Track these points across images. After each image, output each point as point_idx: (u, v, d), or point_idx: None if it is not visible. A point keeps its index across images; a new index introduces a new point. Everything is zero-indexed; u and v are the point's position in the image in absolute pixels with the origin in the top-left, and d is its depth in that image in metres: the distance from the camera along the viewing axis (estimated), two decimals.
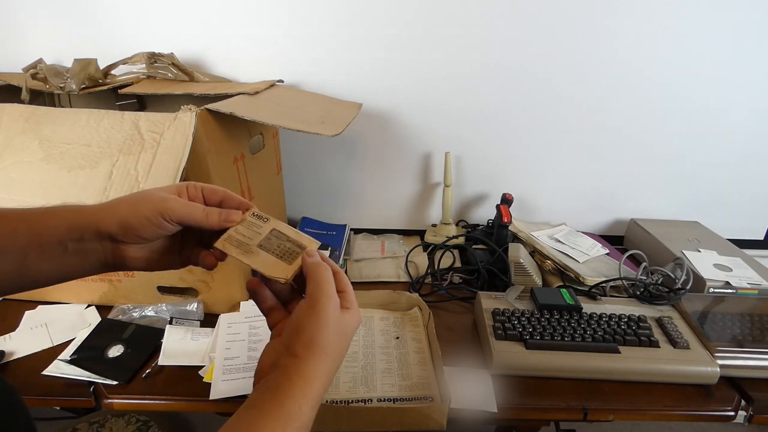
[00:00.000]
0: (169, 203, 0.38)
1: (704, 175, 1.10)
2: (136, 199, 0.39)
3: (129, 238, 0.38)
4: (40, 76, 0.82)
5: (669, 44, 0.96)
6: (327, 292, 0.37)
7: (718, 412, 0.65)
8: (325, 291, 0.37)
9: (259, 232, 0.43)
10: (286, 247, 0.42)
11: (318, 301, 0.36)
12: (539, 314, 0.76)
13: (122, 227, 0.37)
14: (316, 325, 0.35)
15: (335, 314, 0.36)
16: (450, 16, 0.94)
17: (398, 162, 1.10)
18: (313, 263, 0.39)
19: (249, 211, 0.44)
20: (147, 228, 0.38)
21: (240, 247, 0.42)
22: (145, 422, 1.02)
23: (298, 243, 0.42)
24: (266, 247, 0.42)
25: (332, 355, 0.36)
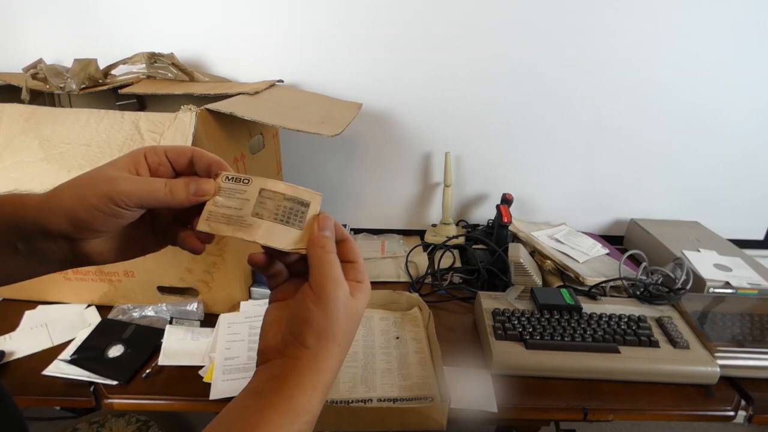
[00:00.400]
0: (120, 184, 0.31)
1: (704, 175, 1.10)
2: (80, 183, 0.31)
3: (84, 234, 0.32)
4: (40, 76, 0.82)
5: (669, 44, 0.96)
6: (334, 279, 0.33)
7: (718, 412, 0.65)
8: (332, 277, 0.33)
9: (246, 197, 0.35)
10: (287, 207, 0.35)
11: (324, 291, 0.32)
12: (539, 314, 0.76)
13: (72, 223, 0.31)
14: (326, 316, 0.32)
15: (345, 301, 0.33)
16: (450, 16, 0.94)
17: (398, 162, 1.10)
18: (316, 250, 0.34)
19: (220, 176, 0.35)
20: (100, 219, 0.31)
21: (231, 222, 0.34)
22: (145, 422, 1.02)
23: (299, 199, 0.35)
24: (263, 214, 0.34)
25: (343, 343, 0.33)
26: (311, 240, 0.34)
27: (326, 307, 0.32)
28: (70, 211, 0.31)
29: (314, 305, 0.32)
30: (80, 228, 0.31)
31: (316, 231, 0.34)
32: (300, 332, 0.33)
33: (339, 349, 0.33)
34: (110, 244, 0.35)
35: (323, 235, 0.34)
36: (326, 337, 0.32)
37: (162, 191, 0.32)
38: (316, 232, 0.34)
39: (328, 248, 0.34)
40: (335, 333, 0.33)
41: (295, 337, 0.33)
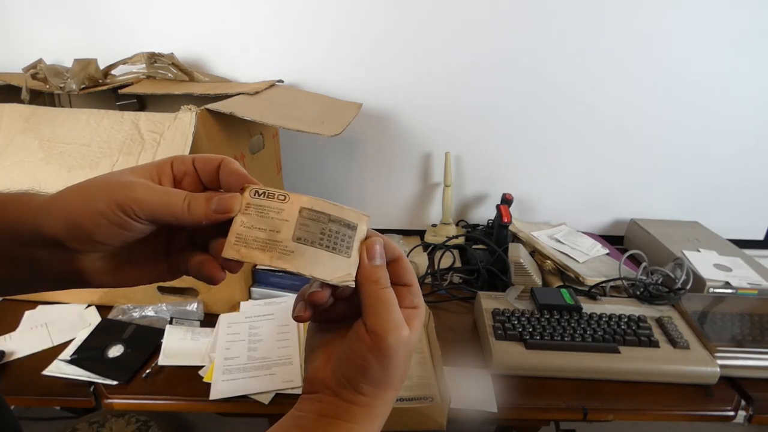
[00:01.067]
0: (135, 191, 0.26)
1: (704, 175, 1.10)
2: (90, 185, 0.27)
3: (81, 244, 0.26)
4: (40, 76, 0.82)
5: (669, 45, 0.96)
6: (394, 326, 0.29)
7: (718, 412, 0.65)
8: (392, 325, 0.29)
9: (284, 218, 0.29)
10: (333, 230, 0.29)
11: (384, 341, 0.28)
12: (539, 314, 0.76)
13: (69, 228, 0.26)
14: (385, 368, 0.29)
15: (405, 347, 0.29)
16: (450, 16, 0.94)
17: (398, 162, 1.10)
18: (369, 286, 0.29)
19: (248, 190, 0.29)
20: (102, 228, 0.26)
21: (267, 248, 0.28)
22: (145, 422, 1.02)
23: (345, 221, 0.30)
24: (306, 238, 0.28)
25: (399, 386, 0.31)
26: (362, 274, 0.29)
27: (385, 359, 0.29)
28: (71, 214, 0.26)
29: (372, 356, 0.29)
30: (77, 236, 0.26)
31: (366, 262, 0.30)
32: (355, 379, 0.30)
33: (395, 395, 0.31)
34: (111, 263, 0.29)
35: (374, 265, 0.29)
36: (384, 387, 0.30)
37: (179, 204, 0.27)
38: (366, 263, 0.29)
39: (382, 282, 0.29)
40: (393, 381, 0.30)
41: (350, 382, 0.30)
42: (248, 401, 0.63)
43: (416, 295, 0.31)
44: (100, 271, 0.29)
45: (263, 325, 0.75)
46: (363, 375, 0.29)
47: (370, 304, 0.29)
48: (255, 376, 0.66)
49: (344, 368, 0.30)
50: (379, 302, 0.29)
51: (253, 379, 0.65)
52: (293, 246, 0.28)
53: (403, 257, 0.32)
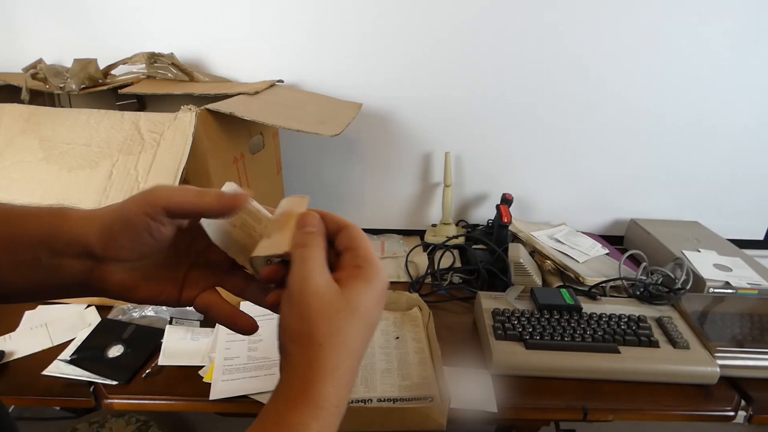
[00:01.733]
0: (155, 190, 0.30)
1: (704, 175, 1.10)
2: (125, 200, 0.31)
3: (110, 250, 0.30)
4: (40, 76, 0.82)
5: (668, 45, 0.96)
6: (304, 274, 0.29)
7: (718, 412, 0.65)
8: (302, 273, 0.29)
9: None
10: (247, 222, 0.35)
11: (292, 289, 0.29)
12: (539, 314, 0.76)
13: (102, 236, 0.29)
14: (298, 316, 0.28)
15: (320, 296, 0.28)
16: (450, 16, 0.94)
17: (398, 162, 1.10)
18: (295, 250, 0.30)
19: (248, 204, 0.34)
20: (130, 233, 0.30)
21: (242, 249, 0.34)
22: (145, 422, 1.02)
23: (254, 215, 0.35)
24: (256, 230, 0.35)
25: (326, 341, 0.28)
26: (293, 240, 0.31)
27: (297, 307, 0.28)
28: (105, 224, 0.30)
29: (287, 307, 0.29)
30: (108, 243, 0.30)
31: (297, 229, 0.31)
32: (282, 341, 0.29)
33: (321, 350, 0.28)
34: (131, 276, 0.32)
35: (304, 231, 0.31)
36: (301, 339, 0.28)
37: (192, 195, 0.30)
38: (297, 230, 0.31)
39: (307, 243, 0.30)
40: (311, 332, 0.28)
41: (281, 347, 0.30)
42: (248, 401, 0.63)
43: (360, 257, 0.31)
44: (120, 283, 0.32)
45: (263, 325, 0.74)
46: (284, 332, 0.29)
47: (293, 264, 0.30)
48: (255, 376, 0.66)
49: (279, 337, 0.30)
50: (298, 260, 0.30)
51: (253, 379, 0.65)
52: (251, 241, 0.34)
53: (351, 226, 0.32)
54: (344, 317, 0.29)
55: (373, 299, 0.30)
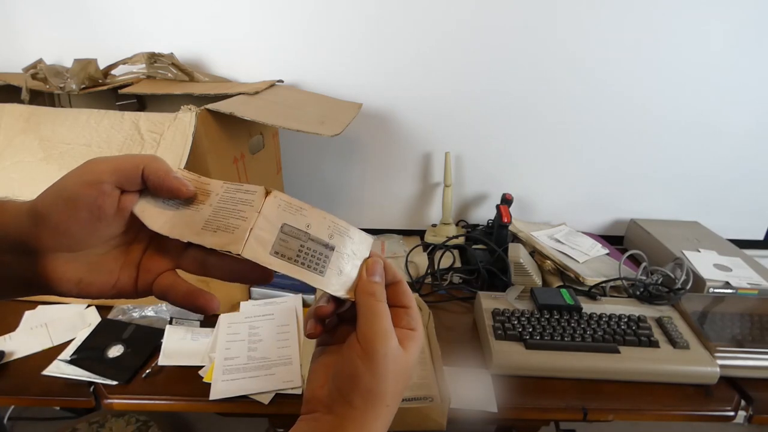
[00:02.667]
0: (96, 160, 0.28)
1: (704, 175, 1.10)
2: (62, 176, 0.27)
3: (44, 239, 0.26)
4: (40, 76, 0.82)
5: (669, 45, 0.96)
6: (383, 333, 0.30)
7: (718, 412, 0.65)
8: (381, 331, 0.30)
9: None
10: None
11: (373, 347, 0.30)
12: (539, 314, 0.76)
13: (33, 223, 0.26)
14: (374, 375, 0.29)
15: (394, 357, 0.30)
16: (450, 17, 0.94)
17: (398, 162, 1.10)
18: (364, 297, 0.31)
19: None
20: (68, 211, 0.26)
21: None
22: (145, 422, 1.02)
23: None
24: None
25: (392, 403, 0.31)
26: (359, 286, 0.32)
27: (374, 366, 0.30)
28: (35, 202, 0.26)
29: (362, 362, 0.30)
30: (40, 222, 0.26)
31: (365, 276, 0.32)
32: (347, 390, 0.30)
33: (387, 411, 0.31)
34: (76, 268, 0.28)
35: (372, 280, 0.31)
36: (373, 398, 0.30)
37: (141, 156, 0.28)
38: (364, 277, 0.32)
39: (377, 296, 0.31)
40: (383, 393, 0.30)
41: (342, 394, 0.30)
42: (248, 401, 0.63)
43: (414, 318, 0.33)
44: (63, 278, 0.28)
45: (263, 325, 0.75)
46: (353, 384, 0.30)
47: (363, 314, 0.31)
48: (255, 376, 0.66)
49: (338, 380, 0.31)
50: (371, 312, 0.30)
51: (253, 379, 0.65)
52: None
53: (403, 281, 0.33)
54: (405, 381, 0.32)
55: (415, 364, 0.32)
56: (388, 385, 0.30)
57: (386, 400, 0.30)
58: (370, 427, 0.30)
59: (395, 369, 0.30)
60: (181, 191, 0.30)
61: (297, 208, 0.30)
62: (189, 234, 0.29)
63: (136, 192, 0.30)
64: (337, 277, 0.31)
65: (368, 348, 0.30)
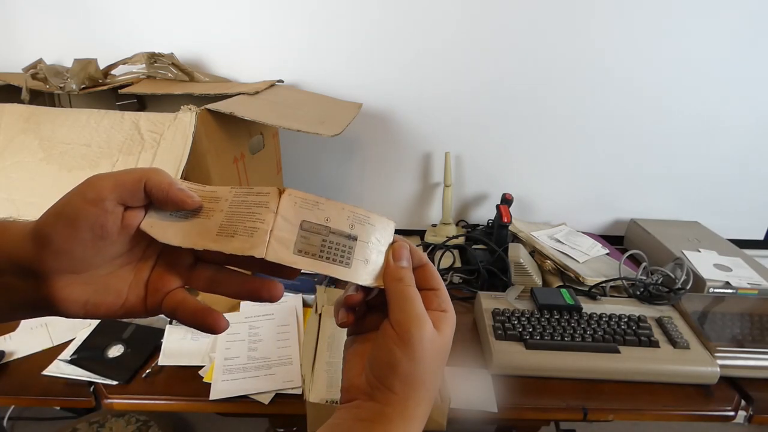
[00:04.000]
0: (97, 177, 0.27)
1: (704, 175, 1.10)
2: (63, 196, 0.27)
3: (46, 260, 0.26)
4: (40, 76, 0.82)
5: (668, 45, 0.96)
6: (417, 317, 0.30)
7: (718, 412, 0.65)
8: (414, 316, 0.30)
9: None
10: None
11: (408, 332, 0.29)
12: (539, 314, 0.75)
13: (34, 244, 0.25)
14: (412, 359, 0.29)
15: (431, 340, 0.30)
16: (451, 17, 0.94)
17: (398, 162, 1.10)
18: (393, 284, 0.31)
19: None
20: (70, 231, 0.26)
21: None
22: (145, 422, 1.02)
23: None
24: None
25: (431, 386, 0.31)
26: (387, 273, 0.31)
27: (411, 350, 0.29)
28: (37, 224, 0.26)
29: (398, 348, 0.29)
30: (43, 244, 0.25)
31: (392, 262, 0.31)
32: (386, 377, 0.30)
33: (427, 395, 0.30)
34: (82, 290, 0.28)
35: (400, 266, 0.31)
36: (413, 382, 0.30)
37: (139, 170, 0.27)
38: (391, 263, 0.31)
39: (406, 281, 0.31)
40: (422, 377, 0.30)
41: (381, 381, 0.30)
42: (248, 401, 0.63)
43: (444, 300, 0.32)
44: (69, 299, 0.27)
45: (263, 325, 0.75)
46: (392, 370, 0.30)
47: (394, 300, 0.30)
48: (255, 376, 0.66)
49: (375, 368, 0.30)
50: (402, 298, 0.30)
51: (253, 379, 0.65)
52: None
53: (430, 264, 0.33)
54: (442, 362, 0.31)
55: (450, 344, 0.32)
56: (427, 369, 0.30)
57: (426, 383, 0.30)
58: (412, 413, 0.30)
59: (432, 352, 0.30)
60: (186, 202, 0.29)
61: (313, 203, 0.30)
62: (204, 242, 0.28)
63: (140, 207, 0.29)
64: (364, 266, 0.30)
65: (403, 333, 0.29)
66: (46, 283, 0.26)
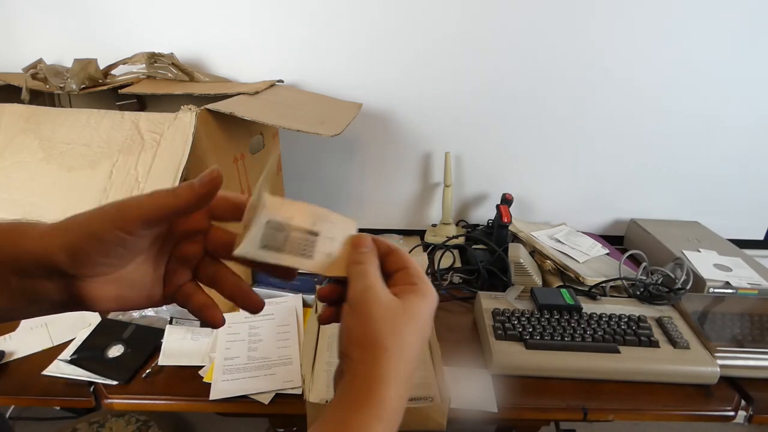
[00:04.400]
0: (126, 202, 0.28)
1: (704, 175, 1.10)
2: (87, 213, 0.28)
3: (82, 267, 0.28)
4: (40, 76, 0.82)
5: (668, 45, 0.96)
6: (367, 286, 0.31)
7: (718, 412, 0.65)
8: (364, 285, 0.31)
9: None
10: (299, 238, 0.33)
11: (358, 300, 0.31)
12: (539, 314, 0.76)
13: (69, 253, 0.27)
14: (361, 323, 0.30)
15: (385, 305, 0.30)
16: (451, 17, 0.94)
17: (398, 162, 1.10)
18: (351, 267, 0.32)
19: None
20: (102, 248, 0.27)
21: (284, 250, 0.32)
22: (145, 422, 1.02)
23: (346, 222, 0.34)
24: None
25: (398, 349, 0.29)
26: (348, 259, 0.33)
27: (359, 314, 0.30)
28: (72, 238, 0.27)
29: (350, 317, 0.31)
30: (79, 259, 0.27)
31: (352, 250, 0.33)
32: (344, 347, 0.31)
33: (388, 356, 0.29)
34: (112, 288, 0.30)
35: (359, 251, 0.32)
36: (367, 344, 0.29)
37: (165, 196, 0.28)
38: (351, 250, 0.33)
39: (364, 261, 0.32)
40: (378, 338, 0.29)
41: (344, 354, 0.31)
42: (248, 401, 0.63)
43: (413, 275, 0.33)
44: (100, 297, 0.30)
45: (263, 325, 0.75)
46: (348, 339, 0.30)
47: (351, 279, 0.32)
48: (255, 376, 0.66)
49: (340, 345, 0.31)
50: (357, 275, 0.32)
51: (253, 379, 0.65)
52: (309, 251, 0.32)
53: (398, 249, 0.34)
54: (404, 323, 0.30)
55: (428, 311, 0.32)
56: (382, 330, 0.29)
57: (386, 345, 0.29)
58: (375, 374, 0.29)
59: (388, 314, 0.30)
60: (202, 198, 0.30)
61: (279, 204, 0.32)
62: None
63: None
64: (326, 258, 0.33)
65: (354, 303, 0.31)
66: (78, 284, 0.29)
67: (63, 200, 0.60)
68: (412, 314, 0.31)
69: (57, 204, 0.59)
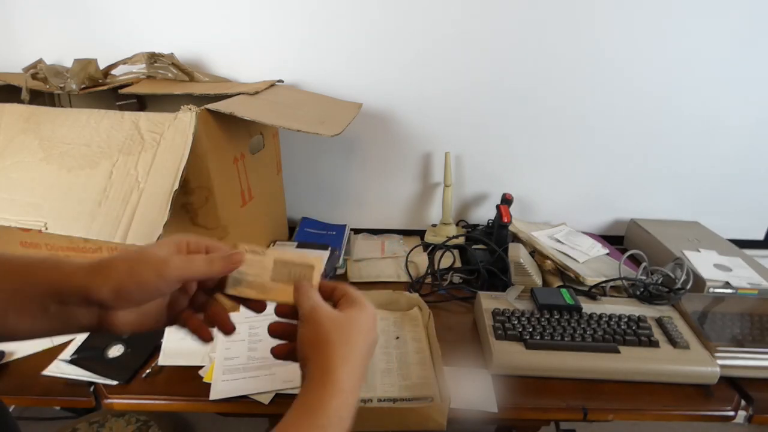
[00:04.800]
0: (172, 262, 0.36)
1: (704, 175, 1.10)
2: (134, 260, 0.36)
3: (121, 304, 0.36)
4: (40, 76, 0.82)
5: (668, 44, 0.96)
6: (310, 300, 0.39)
7: (718, 412, 0.65)
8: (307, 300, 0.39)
9: (265, 266, 0.43)
10: (297, 272, 0.43)
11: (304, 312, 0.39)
12: (539, 314, 0.76)
13: (116, 294, 0.34)
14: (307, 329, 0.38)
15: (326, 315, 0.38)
16: (451, 17, 0.94)
17: (398, 162, 1.10)
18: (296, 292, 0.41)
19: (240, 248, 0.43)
20: (144, 293, 0.36)
21: (254, 287, 0.42)
22: (145, 422, 1.02)
23: (306, 263, 0.43)
24: (279, 279, 0.43)
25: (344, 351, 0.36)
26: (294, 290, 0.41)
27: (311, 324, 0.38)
28: (119, 282, 0.34)
29: (303, 328, 0.38)
30: (121, 298, 0.35)
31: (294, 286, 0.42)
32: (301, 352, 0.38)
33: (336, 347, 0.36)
34: (134, 317, 0.38)
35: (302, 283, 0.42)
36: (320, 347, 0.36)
37: (203, 266, 0.38)
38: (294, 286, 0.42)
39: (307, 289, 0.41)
40: (326, 337, 0.36)
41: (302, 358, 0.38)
42: (248, 401, 0.63)
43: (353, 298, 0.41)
44: (125, 323, 0.37)
45: (263, 325, 0.75)
46: (302, 345, 0.38)
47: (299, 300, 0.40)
48: (255, 376, 0.66)
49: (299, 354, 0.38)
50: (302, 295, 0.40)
51: (253, 379, 0.65)
52: (270, 285, 0.43)
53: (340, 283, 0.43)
54: (348, 326, 0.38)
55: (367, 319, 0.40)
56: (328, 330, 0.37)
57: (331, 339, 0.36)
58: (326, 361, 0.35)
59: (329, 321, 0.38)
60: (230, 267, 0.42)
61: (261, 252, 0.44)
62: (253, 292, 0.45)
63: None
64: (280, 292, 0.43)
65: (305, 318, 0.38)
66: (109, 313, 0.36)
67: (63, 200, 0.60)
68: (353, 320, 0.39)
69: (57, 204, 0.59)
